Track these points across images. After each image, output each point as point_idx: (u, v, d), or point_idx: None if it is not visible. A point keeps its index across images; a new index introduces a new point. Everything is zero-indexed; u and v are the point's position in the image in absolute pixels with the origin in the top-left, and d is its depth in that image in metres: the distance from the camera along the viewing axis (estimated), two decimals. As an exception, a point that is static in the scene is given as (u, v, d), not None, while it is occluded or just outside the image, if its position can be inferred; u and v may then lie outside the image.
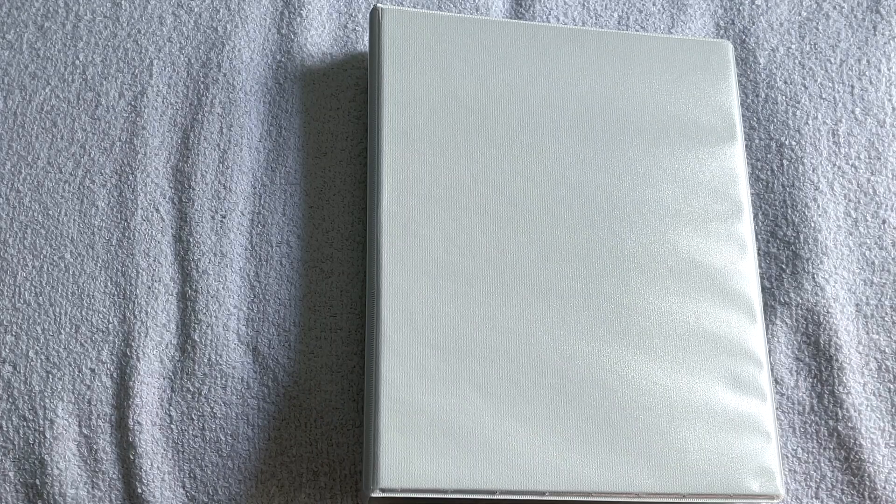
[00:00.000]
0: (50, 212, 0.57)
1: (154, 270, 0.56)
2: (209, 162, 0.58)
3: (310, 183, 0.59)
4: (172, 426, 0.53)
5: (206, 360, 0.54)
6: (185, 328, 0.55)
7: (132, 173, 0.58)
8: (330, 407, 0.54)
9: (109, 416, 0.53)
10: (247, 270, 0.56)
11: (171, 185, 0.58)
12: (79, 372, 0.53)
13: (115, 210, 0.57)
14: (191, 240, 0.57)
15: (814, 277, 0.59)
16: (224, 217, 0.57)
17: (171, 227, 0.57)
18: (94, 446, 0.52)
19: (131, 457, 0.52)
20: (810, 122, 0.63)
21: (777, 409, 0.56)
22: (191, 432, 0.53)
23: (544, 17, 0.65)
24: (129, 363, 0.54)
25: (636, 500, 0.50)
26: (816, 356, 0.57)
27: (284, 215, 0.58)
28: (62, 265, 0.56)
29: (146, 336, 0.54)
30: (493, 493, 0.48)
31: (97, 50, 0.61)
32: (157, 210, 0.57)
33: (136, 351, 0.54)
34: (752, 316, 0.54)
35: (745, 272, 0.55)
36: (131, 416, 0.52)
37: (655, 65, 0.59)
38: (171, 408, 0.53)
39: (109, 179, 0.58)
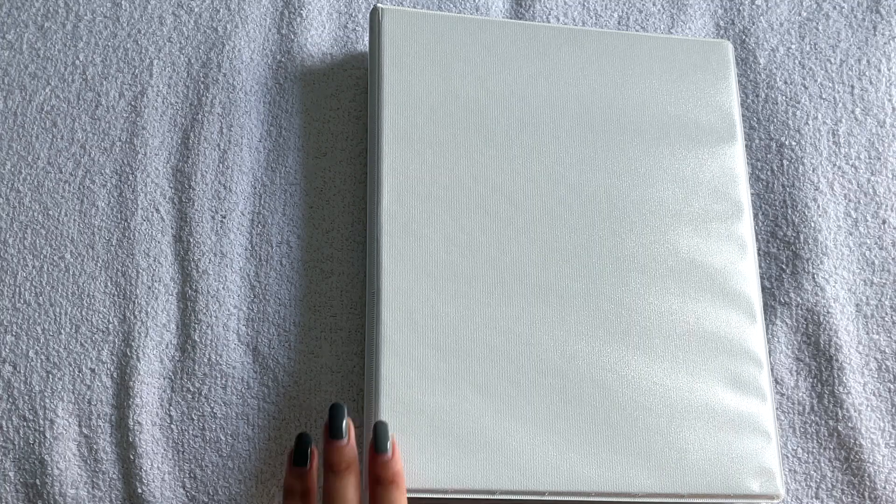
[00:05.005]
0: (50, 212, 0.57)
1: (154, 270, 0.56)
2: (209, 162, 0.58)
3: (310, 183, 0.59)
4: (172, 426, 0.53)
5: (206, 360, 0.54)
6: (186, 328, 0.55)
7: (132, 173, 0.58)
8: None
9: (109, 416, 0.53)
10: (247, 270, 0.56)
11: (171, 185, 0.58)
12: (79, 372, 0.53)
13: (115, 210, 0.57)
14: (191, 240, 0.57)
15: (814, 277, 0.59)
16: (224, 217, 0.57)
17: (171, 227, 0.57)
18: (94, 446, 0.52)
19: (131, 457, 0.52)
20: (810, 122, 0.63)
21: (777, 409, 0.56)
22: (191, 432, 0.53)
23: (544, 17, 0.65)
24: (129, 363, 0.54)
25: (636, 500, 0.50)
26: (816, 356, 0.57)
27: (284, 215, 0.58)
28: (62, 265, 0.56)
29: (146, 336, 0.54)
30: (493, 493, 0.48)
31: (97, 50, 0.61)
32: (157, 210, 0.57)
33: (136, 351, 0.54)
34: (752, 316, 0.54)
35: (746, 272, 0.55)
36: (131, 416, 0.52)
37: (655, 65, 0.59)
38: (171, 408, 0.53)
39: (109, 179, 0.58)
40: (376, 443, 0.46)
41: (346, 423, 0.46)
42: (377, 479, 0.45)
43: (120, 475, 0.52)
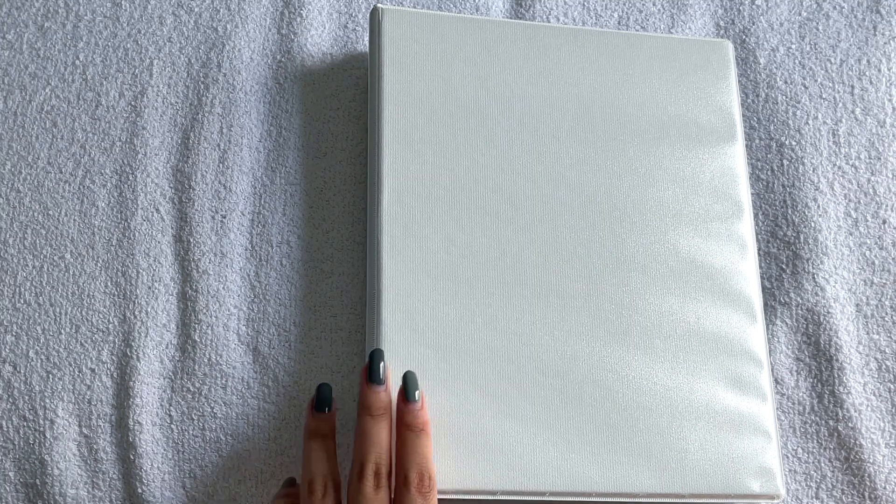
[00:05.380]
0: (50, 212, 0.57)
1: (154, 270, 0.56)
2: (209, 162, 0.58)
3: (310, 183, 0.59)
4: (172, 426, 0.53)
5: (206, 360, 0.54)
6: (186, 328, 0.55)
7: (132, 173, 0.58)
8: (330, 407, 0.54)
9: (109, 416, 0.53)
10: (247, 270, 0.56)
11: (171, 185, 0.58)
12: (79, 372, 0.53)
13: (115, 210, 0.57)
14: (191, 240, 0.57)
15: (814, 277, 0.59)
16: (224, 217, 0.57)
17: (171, 227, 0.57)
18: (94, 446, 0.52)
19: (131, 457, 0.52)
20: (810, 122, 0.63)
21: (777, 409, 0.56)
22: (191, 432, 0.53)
23: (544, 17, 0.65)
24: (129, 363, 0.54)
25: (637, 500, 0.50)
26: (816, 356, 0.57)
27: (284, 215, 0.58)
28: (62, 265, 0.56)
29: (146, 336, 0.54)
30: (494, 493, 0.48)
31: (97, 50, 0.61)
32: (157, 210, 0.57)
33: (136, 351, 0.54)
34: (752, 316, 0.54)
35: (746, 272, 0.55)
36: (131, 416, 0.52)
37: (655, 65, 0.59)
38: (171, 408, 0.53)
39: (109, 179, 0.58)
40: (406, 391, 0.47)
41: (385, 369, 0.47)
42: (408, 426, 0.47)
43: (120, 475, 0.52)
